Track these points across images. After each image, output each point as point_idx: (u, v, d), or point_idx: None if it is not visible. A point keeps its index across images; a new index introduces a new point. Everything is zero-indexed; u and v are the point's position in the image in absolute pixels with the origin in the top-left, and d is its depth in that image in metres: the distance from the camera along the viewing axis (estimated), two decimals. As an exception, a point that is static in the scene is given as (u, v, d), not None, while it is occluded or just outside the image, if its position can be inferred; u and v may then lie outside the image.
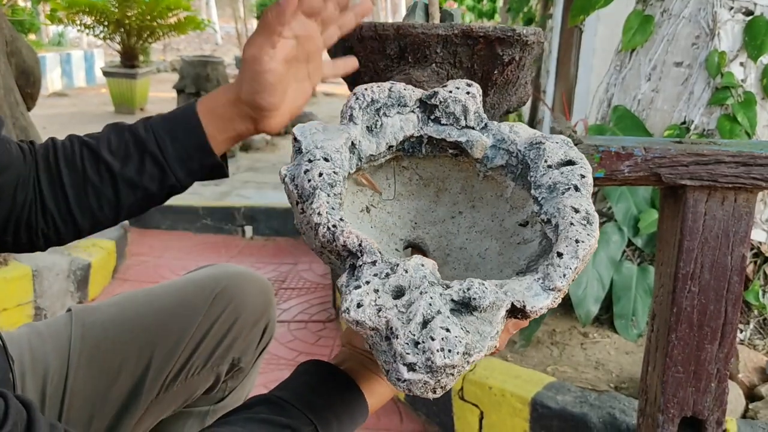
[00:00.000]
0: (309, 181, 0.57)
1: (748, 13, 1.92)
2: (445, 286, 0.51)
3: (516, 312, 0.52)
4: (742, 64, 1.92)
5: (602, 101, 2.24)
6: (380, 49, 0.77)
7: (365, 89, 0.65)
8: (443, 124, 0.66)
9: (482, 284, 0.51)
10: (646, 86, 2.06)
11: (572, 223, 0.56)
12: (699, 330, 1.00)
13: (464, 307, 0.50)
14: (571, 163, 0.62)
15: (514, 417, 1.53)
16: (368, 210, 0.68)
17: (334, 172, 0.58)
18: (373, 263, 0.52)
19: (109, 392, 0.83)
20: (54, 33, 12.51)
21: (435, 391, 0.49)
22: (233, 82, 0.73)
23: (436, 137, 0.66)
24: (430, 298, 0.50)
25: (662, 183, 0.95)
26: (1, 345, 0.71)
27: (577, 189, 0.59)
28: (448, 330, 0.47)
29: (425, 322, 0.48)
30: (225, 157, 0.78)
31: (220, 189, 3.96)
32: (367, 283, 0.51)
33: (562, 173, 0.61)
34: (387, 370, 0.49)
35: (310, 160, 0.58)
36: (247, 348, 0.94)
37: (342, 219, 0.54)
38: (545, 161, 0.62)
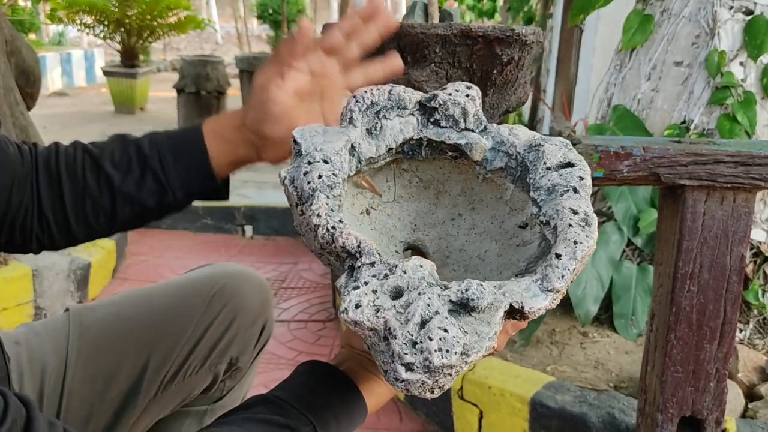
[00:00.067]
0: (308, 183, 0.57)
1: (748, 12, 1.92)
2: (443, 287, 0.51)
3: (514, 313, 0.52)
4: (742, 64, 1.92)
5: (602, 101, 2.24)
6: (379, 49, 0.77)
7: (365, 92, 0.66)
8: (443, 127, 0.66)
9: (480, 285, 0.51)
10: (646, 86, 2.06)
11: (571, 225, 0.56)
12: (698, 330, 1.00)
13: (462, 308, 0.50)
14: (570, 165, 0.62)
15: (514, 416, 1.53)
16: (368, 212, 0.68)
17: (333, 174, 0.58)
18: (372, 264, 0.52)
19: (107, 391, 0.83)
20: (54, 32, 12.50)
21: (433, 392, 0.49)
22: (242, 108, 0.72)
23: (436, 140, 0.66)
24: (429, 298, 0.50)
25: (661, 183, 0.96)
26: None
27: (575, 191, 0.59)
28: (446, 330, 0.47)
29: (423, 323, 0.48)
30: (227, 181, 0.77)
31: (220, 188, 3.95)
32: (366, 283, 0.51)
33: (561, 175, 0.61)
34: (385, 370, 0.49)
35: (309, 162, 0.58)
36: (245, 347, 0.94)
37: (341, 221, 0.54)
38: (544, 163, 0.62)
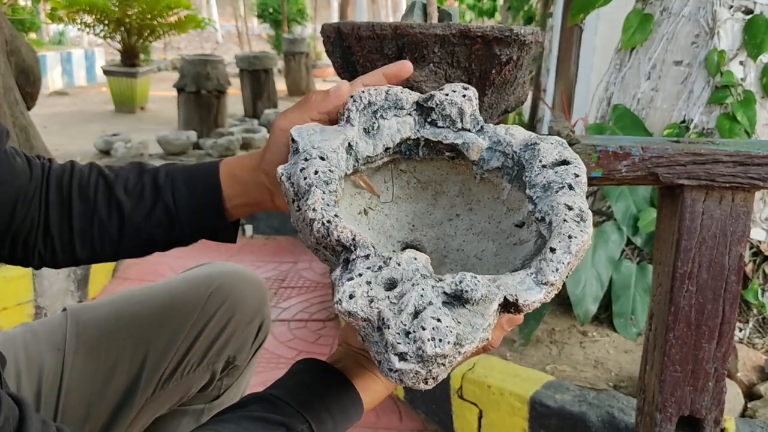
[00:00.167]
0: (305, 178, 0.57)
1: (748, 11, 1.92)
2: (437, 279, 0.52)
3: (509, 306, 0.52)
4: (741, 63, 1.92)
5: (602, 100, 2.24)
6: (378, 49, 0.77)
7: (362, 92, 0.66)
8: (440, 127, 0.67)
9: (474, 277, 0.51)
10: (646, 85, 2.05)
11: (565, 220, 0.56)
12: (697, 329, 1.00)
13: (456, 299, 0.51)
14: (565, 162, 0.62)
15: (513, 416, 1.53)
16: (366, 212, 0.68)
17: (329, 170, 0.58)
18: (367, 257, 0.53)
19: (105, 390, 0.83)
20: (54, 32, 12.51)
21: (427, 382, 0.49)
22: (259, 150, 0.72)
23: (433, 139, 0.67)
24: (422, 289, 0.50)
25: (660, 182, 0.95)
26: None
27: (571, 187, 0.59)
28: (439, 320, 0.48)
29: (416, 313, 0.49)
30: (237, 224, 0.76)
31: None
32: (360, 275, 0.51)
33: (556, 173, 0.61)
34: (379, 360, 0.50)
35: (306, 159, 0.59)
36: (242, 346, 0.94)
37: (336, 215, 0.55)
38: (540, 161, 0.62)
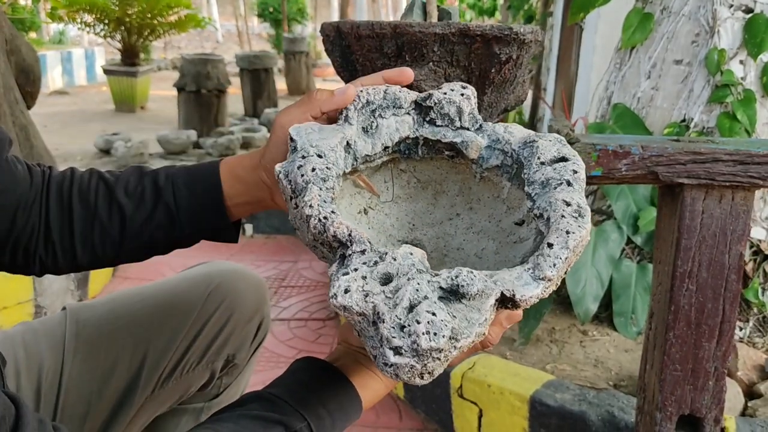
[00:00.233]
0: (302, 176, 0.57)
1: (748, 10, 1.92)
2: (433, 274, 0.52)
3: (506, 301, 0.52)
4: (741, 62, 1.91)
5: (602, 99, 2.24)
6: (378, 48, 0.77)
7: (360, 91, 0.66)
8: (438, 126, 0.67)
9: (470, 272, 0.51)
10: (646, 84, 2.05)
11: (563, 216, 0.56)
12: (697, 328, 1.00)
13: (452, 294, 0.51)
14: (563, 159, 0.62)
15: (513, 415, 1.53)
16: (366, 212, 0.68)
17: (326, 167, 0.58)
18: (363, 252, 0.53)
19: (104, 389, 0.83)
20: (55, 31, 12.52)
21: (423, 377, 0.49)
22: (260, 148, 0.72)
23: (432, 138, 0.67)
24: (417, 284, 0.50)
25: (660, 181, 0.95)
26: None
27: (569, 184, 0.59)
28: (434, 314, 0.48)
29: (411, 307, 0.49)
30: (238, 224, 0.76)
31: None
32: (356, 270, 0.51)
33: (554, 169, 0.61)
34: (374, 355, 0.50)
35: (303, 157, 0.59)
36: (241, 344, 0.94)
37: (333, 212, 0.55)
38: (538, 158, 0.62)
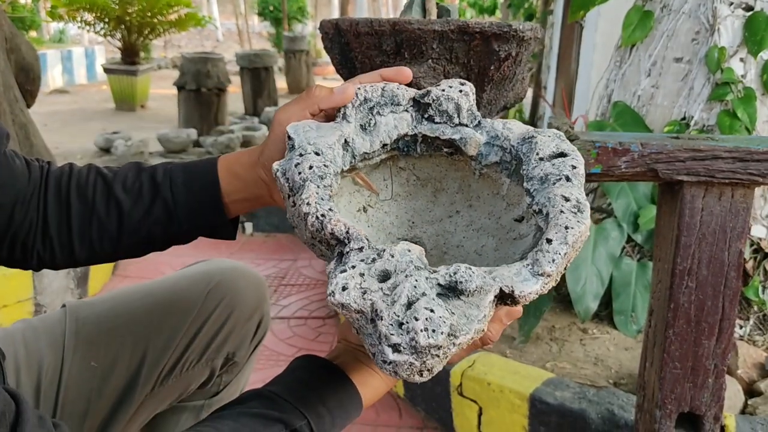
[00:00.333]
0: (299, 173, 0.57)
1: (748, 8, 1.91)
2: (431, 271, 0.52)
3: (505, 298, 0.52)
4: (742, 60, 1.91)
5: (602, 97, 2.24)
6: (376, 45, 0.77)
7: (358, 88, 0.66)
8: (437, 123, 0.66)
9: (469, 268, 0.51)
10: (646, 82, 2.05)
11: (562, 211, 0.56)
12: (696, 326, 1.00)
13: (451, 291, 0.50)
14: (562, 155, 0.62)
15: (513, 413, 1.53)
16: (365, 210, 0.68)
17: (324, 165, 0.58)
18: (360, 249, 0.53)
19: (104, 387, 0.84)
20: (55, 30, 12.52)
21: (422, 374, 0.48)
22: (259, 145, 0.71)
23: (430, 135, 0.66)
24: (415, 280, 0.50)
25: (659, 179, 0.95)
26: None
27: (568, 179, 0.59)
28: (432, 311, 0.47)
29: (410, 304, 0.48)
30: (236, 221, 0.75)
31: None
32: (353, 267, 0.51)
33: (553, 165, 0.61)
34: (373, 353, 0.50)
35: (301, 155, 0.59)
36: (241, 342, 0.94)
37: (331, 209, 0.55)
38: (537, 154, 0.62)
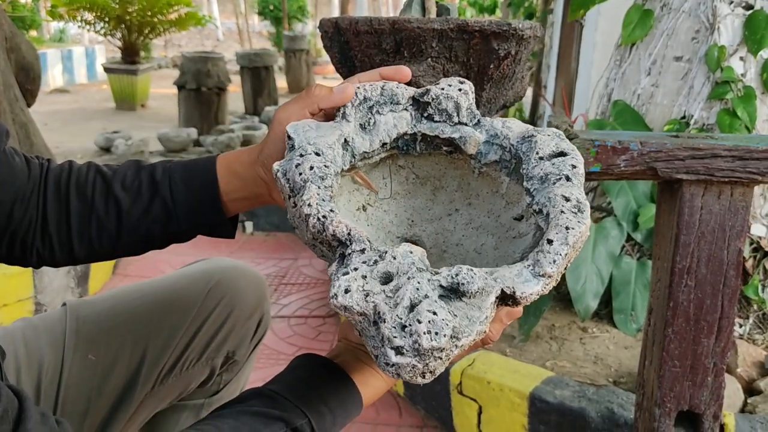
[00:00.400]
0: (300, 174, 0.57)
1: (748, 7, 1.91)
2: (433, 273, 0.52)
3: (506, 299, 0.52)
4: (741, 59, 1.91)
5: (602, 96, 2.24)
6: (376, 44, 0.77)
7: (358, 87, 0.66)
8: (436, 121, 0.67)
9: (471, 270, 0.51)
10: (646, 81, 2.05)
11: (563, 212, 0.56)
12: (695, 324, 1.00)
13: (453, 292, 0.50)
14: (562, 154, 0.62)
15: (513, 411, 1.53)
16: (365, 209, 0.68)
17: (325, 165, 0.58)
18: (362, 251, 0.53)
19: (104, 385, 0.84)
20: (55, 29, 12.52)
21: (424, 376, 0.49)
22: (258, 144, 0.71)
23: (430, 134, 0.66)
24: (418, 283, 0.50)
25: (658, 177, 0.95)
26: None
27: (568, 179, 0.59)
28: (434, 313, 0.48)
29: (412, 306, 0.48)
30: (236, 219, 0.76)
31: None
32: (356, 269, 0.51)
33: (553, 164, 0.61)
34: (376, 355, 0.50)
35: (301, 155, 0.59)
36: (241, 341, 0.94)
37: (332, 210, 0.55)
38: (537, 153, 0.62)
